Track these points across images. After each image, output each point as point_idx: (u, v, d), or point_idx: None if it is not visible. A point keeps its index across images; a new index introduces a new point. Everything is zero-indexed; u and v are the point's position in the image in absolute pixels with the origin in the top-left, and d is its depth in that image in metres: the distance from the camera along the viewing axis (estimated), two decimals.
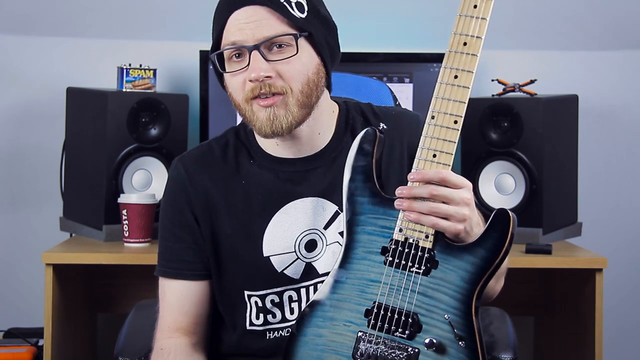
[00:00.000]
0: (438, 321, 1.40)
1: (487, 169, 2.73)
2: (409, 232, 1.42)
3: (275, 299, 1.62)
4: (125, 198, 2.61)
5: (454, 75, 1.42)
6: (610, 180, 3.11)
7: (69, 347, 2.69)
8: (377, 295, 1.43)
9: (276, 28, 1.54)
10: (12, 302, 3.04)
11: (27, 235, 3.05)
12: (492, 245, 1.39)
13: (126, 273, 2.85)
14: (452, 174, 1.42)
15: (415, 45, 2.99)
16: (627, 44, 3.09)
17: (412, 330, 1.41)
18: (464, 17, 1.42)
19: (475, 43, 1.41)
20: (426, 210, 1.41)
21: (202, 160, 1.68)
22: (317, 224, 1.61)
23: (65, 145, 2.84)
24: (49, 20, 3.04)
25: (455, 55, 1.42)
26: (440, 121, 1.42)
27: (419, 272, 1.41)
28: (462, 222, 1.41)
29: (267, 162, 1.65)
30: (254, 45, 1.53)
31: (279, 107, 1.55)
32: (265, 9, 1.54)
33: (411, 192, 1.42)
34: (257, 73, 1.53)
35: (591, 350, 2.55)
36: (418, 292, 1.41)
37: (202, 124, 2.87)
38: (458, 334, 1.38)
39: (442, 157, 1.42)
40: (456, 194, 1.41)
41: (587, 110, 2.97)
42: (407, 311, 1.41)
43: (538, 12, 3.07)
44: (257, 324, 1.64)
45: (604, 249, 2.71)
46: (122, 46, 3.01)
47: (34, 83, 3.04)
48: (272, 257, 1.62)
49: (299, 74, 1.56)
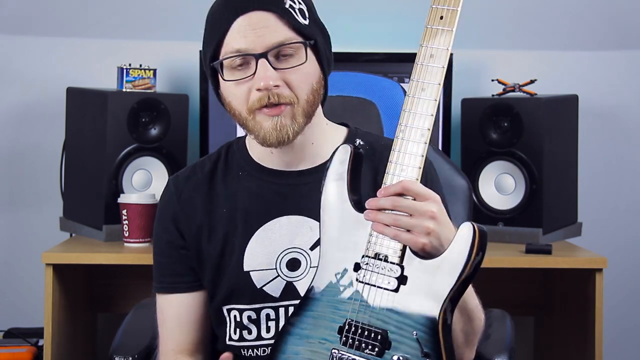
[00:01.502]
0: (406, 338, 1.38)
1: (487, 169, 2.73)
2: (378, 248, 1.41)
3: (252, 315, 1.60)
4: (125, 198, 2.61)
5: (421, 87, 1.42)
6: (610, 180, 3.11)
7: (69, 347, 2.69)
8: (349, 312, 1.42)
9: (284, 34, 1.50)
10: (12, 302, 3.04)
11: (27, 235, 3.05)
12: (457, 258, 1.36)
13: (126, 273, 2.85)
14: (415, 185, 1.39)
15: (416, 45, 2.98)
16: (627, 44, 3.09)
17: (381, 347, 1.38)
18: (431, 29, 1.43)
19: (441, 54, 1.42)
20: (389, 222, 1.39)
21: (192, 177, 1.66)
22: (303, 244, 1.58)
23: (65, 145, 2.84)
24: (49, 20, 3.04)
25: (422, 68, 1.43)
26: (408, 135, 1.41)
27: (388, 288, 1.39)
28: (425, 235, 1.37)
29: (257, 172, 1.63)
30: (261, 53, 1.49)
31: (285, 117, 1.51)
32: (271, 14, 1.50)
33: (377, 203, 1.40)
34: (267, 82, 1.49)
35: (591, 350, 2.55)
36: (387, 308, 1.39)
37: (202, 124, 2.86)
38: (425, 351, 1.36)
39: (409, 171, 1.40)
40: (419, 206, 1.38)
41: (587, 110, 2.97)
42: (376, 328, 1.39)
43: (538, 12, 3.07)
44: (235, 339, 1.63)
45: (604, 249, 2.71)
46: (122, 46, 3.01)
47: (34, 83, 3.04)
48: (252, 272, 1.59)
49: (306, 83, 1.53)
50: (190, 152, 2.85)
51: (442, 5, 1.41)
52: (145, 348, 1.80)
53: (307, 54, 1.52)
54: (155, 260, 1.69)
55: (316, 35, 1.54)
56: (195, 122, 2.87)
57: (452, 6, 1.41)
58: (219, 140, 2.79)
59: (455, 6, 1.41)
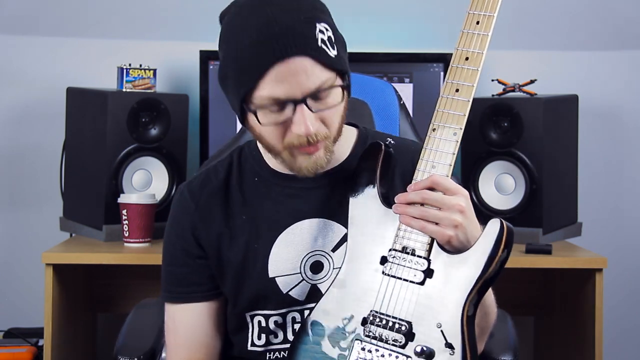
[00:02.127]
0: (430, 330, 1.40)
1: (487, 169, 2.73)
2: (405, 242, 1.44)
3: (278, 320, 1.60)
4: (125, 198, 2.61)
5: (456, 88, 1.46)
6: (610, 180, 3.11)
7: (69, 347, 2.69)
8: (374, 304, 1.44)
9: (320, 77, 1.47)
10: (12, 302, 3.04)
11: (27, 235, 3.05)
12: (484, 253, 1.39)
13: (126, 273, 2.85)
14: (445, 180, 1.42)
15: (415, 45, 2.99)
16: (627, 44, 3.09)
17: (405, 338, 1.41)
18: (467, 33, 1.46)
19: (476, 58, 1.45)
20: (417, 215, 1.42)
21: (207, 184, 1.64)
22: (325, 246, 1.58)
23: (65, 145, 2.84)
24: (49, 20, 3.04)
25: (457, 70, 1.46)
26: (440, 134, 1.45)
27: (414, 281, 1.42)
28: (452, 228, 1.40)
29: (273, 178, 1.62)
30: (300, 99, 1.46)
31: (320, 151, 1.52)
32: (307, 58, 1.45)
33: (406, 197, 1.44)
34: (308, 130, 1.46)
35: (591, 350, 2.55)
36: (413, 301, 1.42)
37: (202, 124, 2.87)
38: (448, 342, 1.38)
39: (440, 168, 1.44)
40: (447, 199, 1.41)
41: (587, 110, 2.97)
42: (400, 319, 1.42)
43: (538, 12, 3.07)
44: (259, 345, 1.62)
45: (604, 249, 2.71)
46: (122, 46, 3.01)
47: (34, 83, 3.04)
48: (278, 278, 1.59)
49: (338, 117, 1.52)
50: (190, 152, 2.85)
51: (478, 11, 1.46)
52: (150, 349, 1.79)
53: (343, 94, 1.51)
54: (166, 269, 1.66)
55: (345, 64, 1.53)
56: (195, 122, 2.88)
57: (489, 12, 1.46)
58: (219, 140, 2.79)
59: (492, 12, 1.46)
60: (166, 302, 1.66)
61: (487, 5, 1.46)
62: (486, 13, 1.46)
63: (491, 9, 1.46)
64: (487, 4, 1.46)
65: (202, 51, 2.86)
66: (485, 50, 1.45)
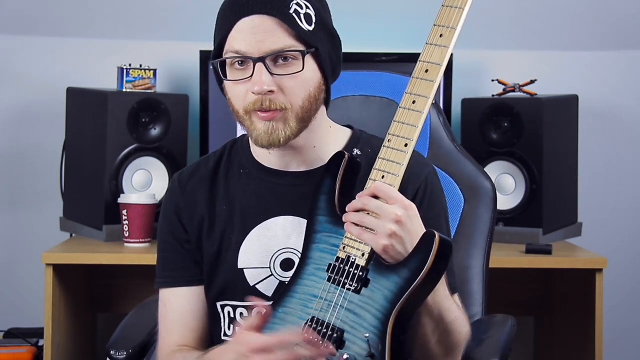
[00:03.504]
0: (358, 339, 1.42)
1: (487, 169, 2.73)
2: (348, 249, 1.46)
3: (244, 312, 1.62)
4: (125, 198, 2.61)
5: (412, 100, 1.48)
6: (610, 180, 3.11)
7: (69, 347, 2.69)
8: (313, 310, 1.47)
9: (283, 41, 1.51)
10: (12, 302, 3.04)
11: (27, 235, 3.05)
12: (415, 265, 1.40)
13: (126, 273, 2.85)
14: (388, 188, 1.44)
15: (416, 45, 2.97)
16: (627, 44, 3.09)
17: (335, 345, 1.43)
18: (429, 45, 1.49)
19: (434, 70, 1.48)
20: (356, 221, 1.44)
21: (196, 173, 1.68)
22: (297, 245, 1.59)
23: (65, 145, 2.84)
24: (49, 20, 3.04)
25: (416, 81, 1.48)
26: (393, 144, 1.47)
27: (351, 289, 1.44)
28: (386, 237, 1.41)
29: (256, 170, 1.65)
30: (259, 57, 1.51)
31: (277, 121, 1.53)
32: (273, 19, 1.51)
33: (352, 204, 1.46)
34: (261, 87, 1.50)
35: (591, 350, 2.55)
36: (347, 308, 1.44)
37: (202, 124, 2.87)
38: (371, 352, 1.40)
39: (389, 178, 1.45)
40: (385, 207, 1.42)
41: (587, 110, 2.97)
42: (333, 326, 1.44)
43: (538, 12, 3.07)
44: (229, 334, 1.64)
45: (604, 249, 2.71)
46: (122, 46, 3.01)
47: (34, 83, 3.04)
48: (246, 269, 1.61)
49: (301, 90, 1.54)
50: (190, 152, 2.85)
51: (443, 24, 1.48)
52: (140, 343, 1.81)
53: (304, 62, 1.53)
54: (158, 255, 1.70)
55: (319, 41, 1.55)
56: (195, 122, 2.88)
57: (452, 25, 1.47)
58: (219, 140, 2.78)
59: (454, 25, 1.47)
60: (159, 289, 1.69)
61: (450, 19, 1.48)
62: (448, 26, 1.47)
63: (454, 23, 1.47)
64: (450, 17, 1.47)
65: (202, 51, 2.86)
66: (444, 63, 1.47)
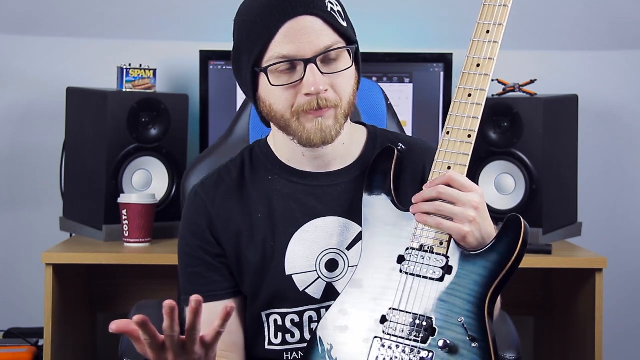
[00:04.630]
0: (452, 324, 1.43)
1: (487, 169, 2.73)
2: (423, 240, 1.47)
3: (295, 319, 1.61)
4: (125, 198, 2.61)
5: (468, 93, 1.51)
6: (610, 180, 3.11)
7: (69, 347, 2.69)
8: (392, 302, 1.47)
9: (331, 39, 1.51)
10: (12, 302, 3.04)
11: (27, 235, 3.05)
12: (504, 249, 1.43)
13: (126, 273, 2.85)
14: (461, 177, 1.47)
15: (415, 45, 2.99)
16: (627, 44, 3.09)
17: (426, 333, 1.43)
18: (477, 42, 1.53)
19: (487, 64, 1.53)
20: (432, 210, 1.46)
21: (220, 183, 1.65)
22: (340, 244, 1.59)
23: (65, 145, 2.84)
24: (49, 20, 3.04)
25: (469, 76, 1.53)
26: (455, 136, 1.50)
27: (433, 278, 1.45)
28: (467, 223, 1.44)
29: (287, 175, 1.63)
30: (310, 58, 1.50)
31: (327, 119, 1.53)
32: (317, 18, 1.51)
33: (422, 195, 1.47)
34: (317, 87, 1.50)
35: (591, 350, 2.55)
36: (432, 297, 1.45)
37: (202, 124, 2.87)
38: (471, 335, 1.41)
39: (456, 168, 1.50)
40: (463, 195, 1.45)
41: (587, 110, 2.97)
42: (420, 316, 1.44)
43: (538, 12, 3.07)
44: (276, 344, 1.62)
45: (604, 249, 2.71)
46: (122, 46, 3.01)
47: (34, 83, 3.04)
48: (295, 275, 1.60)
49: (348, 86, 1.55)
50: (190, 152, 2.85)
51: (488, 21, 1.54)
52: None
53: (351, 58, 1.54)
54: (185, 271, 1.65)
55: (354, 35, 1.57)
56: (195, 122, 2.88)
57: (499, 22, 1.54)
58: None
59: (502, 21, 1.53)
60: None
61: (496, 16, 1.53)
62: (495, 23, 1.53)
63: (501, 19, 1.53)
64: (495, 15, 1.53)
65: (202, 51, 2.86)
66: (496, 57, 1.53)
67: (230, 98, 2.82)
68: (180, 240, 1.66)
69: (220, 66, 2.85)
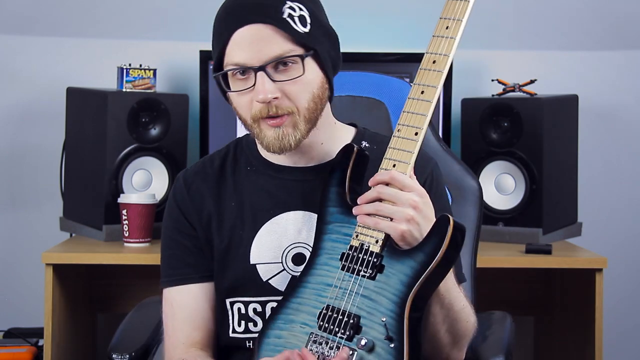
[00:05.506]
0: (376, 323, 1.44)
1: (487, 169, 2.73)
2: (362, 237, 1.48)
3: (257, 308, 1.63)
4: (125, 198, 2.61)
5: (421, 90, 1.50)
6: (610, 180, 3.11)
7: (69, 347, 2.69)
8: (328, 298, 1.49)
9: (282, 47, 1.52)
10: (12, 302, 3.04)
11: (27, 235, 3.05)
12: (431, 249, 1.43)
13: (126, 273, 2.85)
14: (402, 176, 1.46)
15: (415, 45, 2.98)
16: (627, 44, 3.09)
17: (352, 331, 1.45)
18: (436, 37, 1.51)
19: (442, 60, 1.50)
20: (372, 211, 1.46)
21: (202, 171, 1.69)
22: (307, 239, 1.61)
23: (65, 145, 2.84)
24: (49, 20, 3.04)
25: (425, 72, 1.51)
26: (404, 133, 1.49)
27: (366, 275, 1.47)
28: (405, 222, 1.44)
29: (264, 168, 1.66)
30: (259, 67, 1.52)
31: (287, 126, 1.55)
32: (268, 27, 1.51)
33: (365, 196, 1.48)
34: (265, 95, 1.52)
35: (591, 350, 2.55)
36: (362, 295, 1.46)
37: (202, 124, 2.86)
38: (389, 335, 1.43)
39: (401, 166, 1.48)
40: (401, 194, 1.45)
41: (587, 110, 2.97)
42: (349, 313, 1.46)
43: (538, 12, 3.07)
44: (239, 331, 1.64)
45: (604, 249, 2.71)
46: (122, 46, 3.01)
47: (34, 83, 3.04)
48: (259, 265, 1.62)
49: (305, 93, 1.55)
50: (190, 152, 2.85)
51: (449, 16, 1.51)
52: (143, 346, 1.81)
53: (304, 65, 1.54)
54: (163, 254, 1.69)
55: (316, 42, 1.56)
56: (195, 122, 2.88)
57: (458, 17, 1.50)
58: (219, 140, 2.79)
59: (460, 17, 1.50)
60: (164, 289, 1.69)
61: (456, 11, 1.50)
62: (455, 18, 1.50)
63: (460, 15, 1.50)
64: (456, 10, 1.50)
65: (202, 51, 2.86)
66: (452, 54, 1.49)
67: None
68: (162, 224, 1.71)
69: None
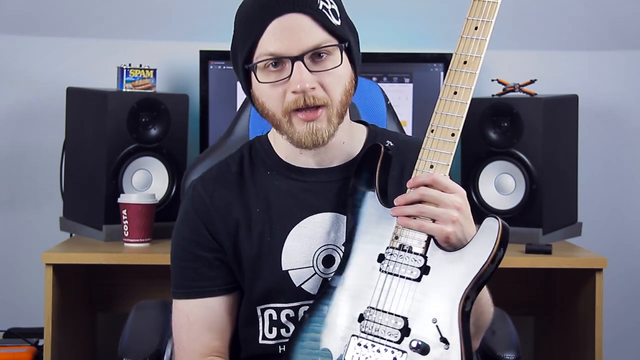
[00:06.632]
0: (426, 325, 1.43)
1: (487, 169, 2.73)
2: (403, 239, 1.47)
3: (290, 314, 1.61)
4: (125, 198, 2.61)
5: (454, 91, 1.50)
6: (610, 180, 3.11)
7: (69, 347, 2.69)
8: (371, 301, 1.47)
9: (320, 37, 1.51)
10: (12, 302, 3.04)
11: (27, 235, 3.05)
12: (480, 249, 1.42)
13: (126, 273, 2.85)
14: (444, 178, 1.45)
15: (415, 45, 2.99)
16: (627, 44, 3.09)
17: (401, 333, 1.43)
18: (465, 38, 1.51)
19: (474, 61, 1.50)
20: (415, 213, 1.45)
21: (221, 178, 1.65)
22: (336, 240, 1.60)
23: (65, 145, 2.84)
24: (49, 20, 3.04)
25: (456, 73, 1.51)
26: (439, 134, 1.49)
27: (411, 277, 1.45)
28: (450, 224, 1.43)
29: (285, 171, 1.64)
30: (297, 56, 1.50)
31: (320, 121, 1.53)
32: (306, 17, 1.50)
33: (405, 197, 1.47)
34: (303, 85, 1.50)
35: (591, 350, 2.55)
36: (409, 297, 1.44)
37: (202, 124, 2.87)
38: (443, 337, 1.41)
39: (439, 168, 1.47)
40: (445, 196, 1.44)
41: (587, 110, 2.97)
42: (396, 315, 1.44)
43: (538, 12, 3.07)
44: (270, 338, 1.62)
45: (604, 249, 2.71)
46: (122, 46, 3.01)
47: (34, 83, 3.04)
48: (291, 271, 1.60)
49: (339, 85, 1.54)
50: (190, 152, 2.85)
51: (477, 17, 1.51)
52: (156, 351, 1.79)
53: (342, 56, 1.53)
54: (177, 264, 1.66)
55: (348, 35, 1.56)
56: (195, 122, 2.88)
57: (487, 18, 1.51)
58: None
59: (489, 18, 1.51)
60: (178, 299, 1.65)
61: (485, 12, 1.51)
62: (484, 19, 1.50)
63: (489, 16, 1.50)
64: (485, 11, 1.50)
65: (202, 51, 2.86)
66: (483, 55, 1.49)
67: (230, 98, 2.82)
68: (176, 233, 1.67)
69: (220, 66, 2.85)
